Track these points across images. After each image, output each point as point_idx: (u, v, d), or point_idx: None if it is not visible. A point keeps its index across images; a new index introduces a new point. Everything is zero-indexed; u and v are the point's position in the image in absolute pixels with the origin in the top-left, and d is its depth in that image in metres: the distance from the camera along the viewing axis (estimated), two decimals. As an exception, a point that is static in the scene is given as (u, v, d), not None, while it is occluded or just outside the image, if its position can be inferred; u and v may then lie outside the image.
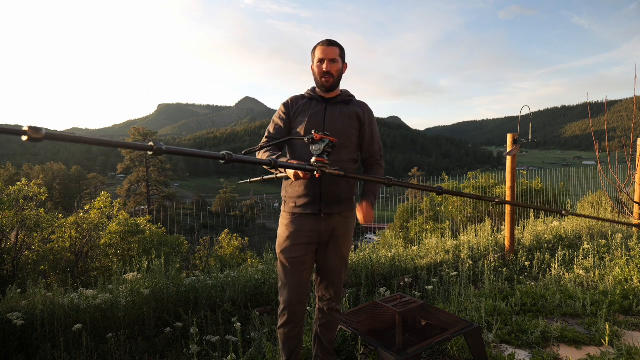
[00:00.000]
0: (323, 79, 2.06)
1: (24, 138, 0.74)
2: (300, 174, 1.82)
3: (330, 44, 2.04)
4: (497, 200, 1.76)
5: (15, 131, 0.74)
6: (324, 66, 2.04)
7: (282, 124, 2.13)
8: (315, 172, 1.66)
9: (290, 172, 1.87)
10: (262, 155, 2.04)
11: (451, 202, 8.81)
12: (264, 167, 1.90)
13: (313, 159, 1.71)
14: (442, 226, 7.79)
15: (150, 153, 0.95)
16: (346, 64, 2.13)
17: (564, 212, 1.85)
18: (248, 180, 2.42)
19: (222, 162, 1.18)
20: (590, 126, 5.33)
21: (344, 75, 2.14)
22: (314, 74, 2.11)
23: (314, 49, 2.08)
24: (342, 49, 2.08)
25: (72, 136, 0.85)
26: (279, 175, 2.05)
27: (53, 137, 0.78)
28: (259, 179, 2.28)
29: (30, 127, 0.73)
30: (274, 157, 1.87)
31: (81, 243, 5.49)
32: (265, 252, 4.15)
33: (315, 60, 2.07)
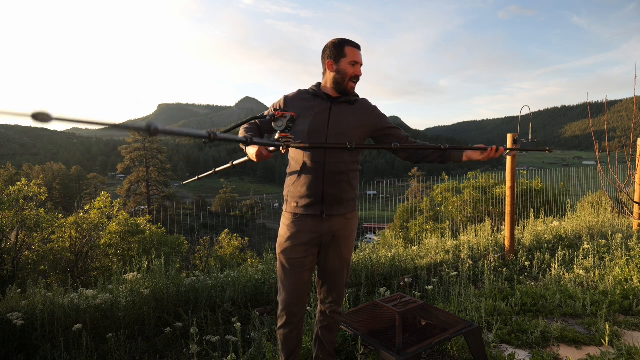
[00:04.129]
0: (351, 83, 2.04)
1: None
2: (264, 152, 1.76)
3: (359, 47, 2.04)
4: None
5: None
6: (358, 70, 2.03)
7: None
8: (281, 148, 1.67)
9: (252, 153, 1.80)
10: (241, 133, 2.04)
11: (451, 202, 8.81)
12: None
13: (277, 135, 1.69)
14: (442, 226, 7.79)
15: (147, 134, 0.96)
16: None
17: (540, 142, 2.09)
18: (196, 177, 2.50)
19: (204, 141, 1.21)
20: (590, 126, 5.33)
21: None
22: (338, 72, 2.03)
23: (342, 46, 2.01)
24: None
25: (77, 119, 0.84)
26: (236, 162, 2.06)
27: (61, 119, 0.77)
28: (211, 172, 2.32)
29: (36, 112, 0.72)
30: (249, 134, 1.88)
31: (81, 243, 5.49)
32: (265, 252, 4.15)
33: (348, 61, 2.00)
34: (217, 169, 2.27)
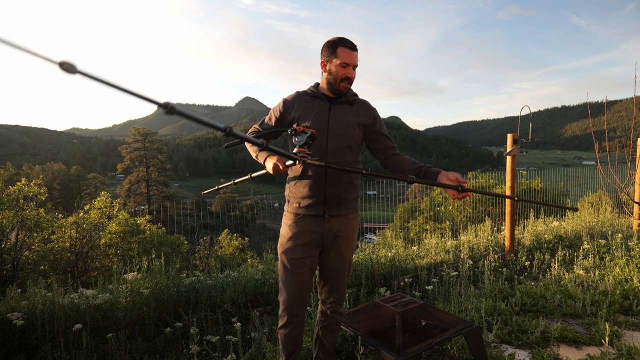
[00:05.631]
0: (342, 84, 2.00)
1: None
2: (280, 165, 1.79)
3: (355, 48, 1.98)
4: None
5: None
6: (349, 72, 1.99)
7: (273, 123, 2.12)
8: (297, 162, 1.65)
9: (269, 167, 1.84)
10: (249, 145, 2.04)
11: (451, 202, 8.81)
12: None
13: (295, 149, 1.70)
14: (442, 226, 7.79)
15: (163, 111, 0.91)
16: None
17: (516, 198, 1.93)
18: (216, 187, 2.50)
19: (223, 133, 1.18)
20: (590, 126, 5.33)
21: None
22: (330, 73, 2.01)
23: (335, 47, 1.97)
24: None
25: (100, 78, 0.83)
26: (254, 175, 2.08)
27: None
28: (230, 182, 2.35)
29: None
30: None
31: (81, 243, 5.49)
32: (265, 252, 4.15)
33: (339, 62, 1.97)
34: (237, 180, 2.30)
